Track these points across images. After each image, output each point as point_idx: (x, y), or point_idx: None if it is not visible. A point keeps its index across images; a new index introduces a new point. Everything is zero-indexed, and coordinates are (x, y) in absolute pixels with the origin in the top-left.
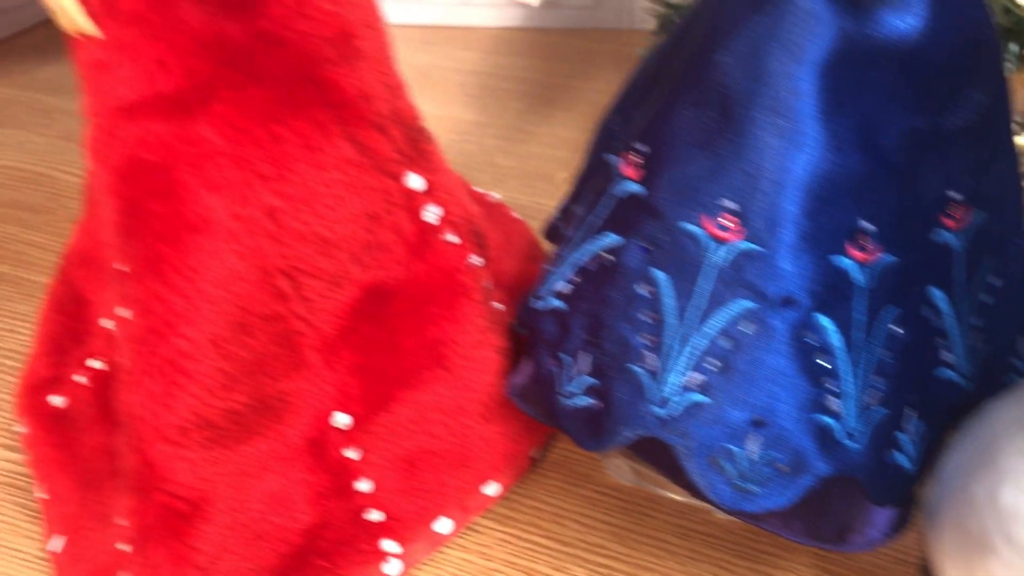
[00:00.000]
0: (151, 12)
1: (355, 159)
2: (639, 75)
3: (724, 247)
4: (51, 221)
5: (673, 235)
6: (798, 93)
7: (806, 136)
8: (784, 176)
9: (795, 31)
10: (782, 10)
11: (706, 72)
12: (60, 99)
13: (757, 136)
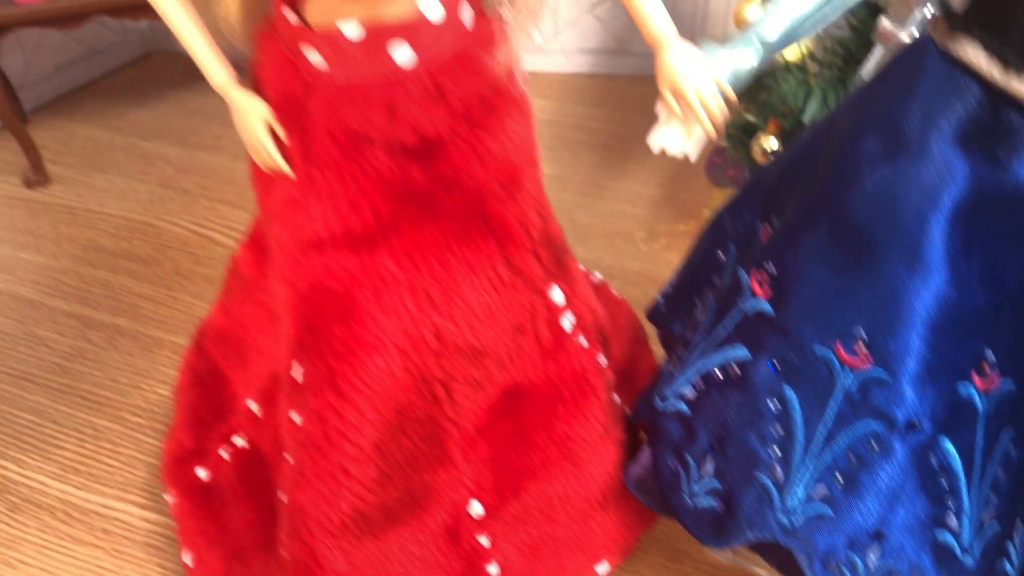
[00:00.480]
0: (345, 159)
1: (509, 280)
2: (756, 184)
3: (854, 373)
4: (159, 274)
5: (805, 357)
6: (930, 236)
7: (934, 274)
8: (913, 311)
9: (932, 180)
10: (921, 159)
11: (840, 207)
12: (155, 144)
13: (889, 272)
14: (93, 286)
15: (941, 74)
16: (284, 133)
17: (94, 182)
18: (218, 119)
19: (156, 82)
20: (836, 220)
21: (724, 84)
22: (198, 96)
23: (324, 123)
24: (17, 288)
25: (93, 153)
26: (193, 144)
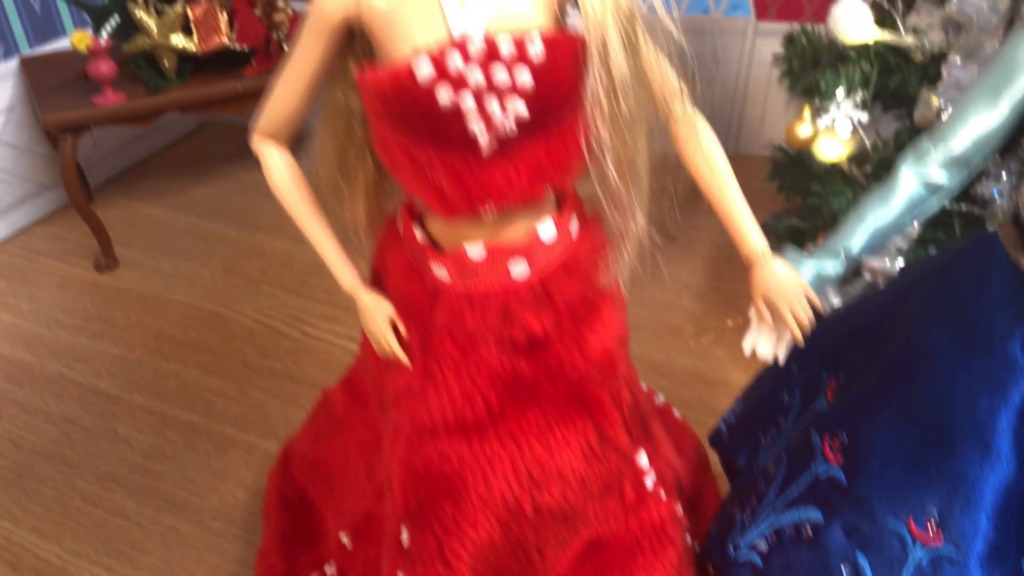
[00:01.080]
0: (462, 356)
1: (601, 452)
2: (822, 336)
3: (925, 548)
4: (228, 367)
5: (877, 528)
6: (998, 428)
7: (1004, 464)
8: (983, 496)
9: (1004, 378)
10: (992, 357)
11: (913, 391)
12: (216, 224)
13: (961, 459)
14: (166, 379)
15: (1010, 281)
16: (406, 330)
17: (160, 266)
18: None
19: (212, 156)
20: (909, 402)
21: (812, 295)
22: (253, 172)
23: (444, 325)
24: (96, 381)
25: (158, 235)
26: (252, 225)
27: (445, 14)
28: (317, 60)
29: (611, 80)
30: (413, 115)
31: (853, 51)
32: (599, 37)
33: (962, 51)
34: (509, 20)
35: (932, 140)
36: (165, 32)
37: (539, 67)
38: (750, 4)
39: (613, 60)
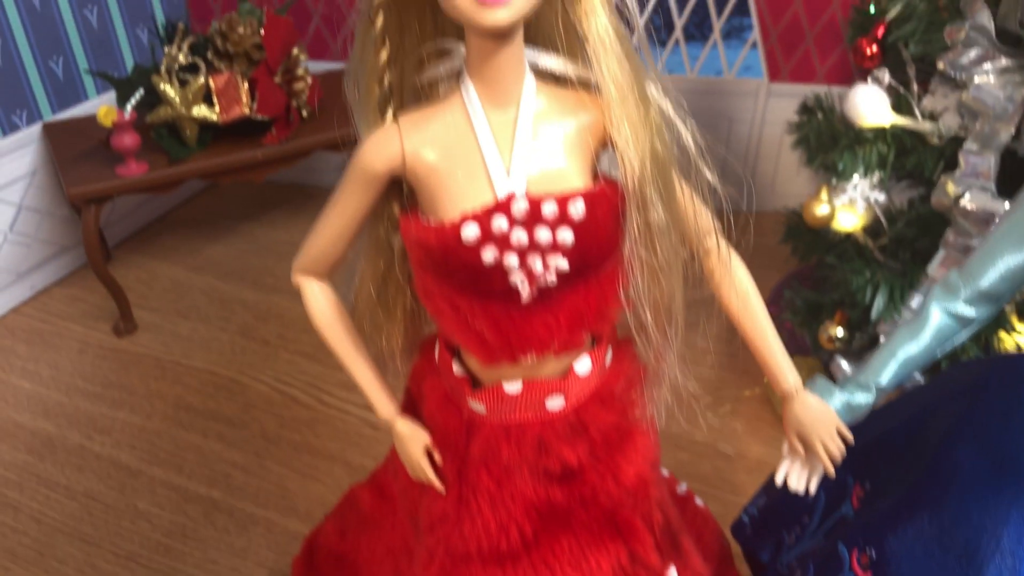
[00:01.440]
0: (497, 487)
1: (632, 571)
2: None
3: None
4: (247, 438)
5: None
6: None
7: None
8: None
9: None
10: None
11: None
12: (232, 285)
13: None
14: (186, 451)
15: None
16: (441, 459)
17: (178, 329)
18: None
19: (229, 214)
20: (937, 523)
21: (844, 430)
22: (269, 230)
23: (480, 456)
24: (117, 453)
25: (175, 296)
26: (269, 287)
27: (490, 175)
28: (360, 208)
29: (648, 229)
30: (457, 269)
31: (870, 132)
32: (637, 190)
33: (978, 138)
34: (550, 179)
35: (961, 276)
36: (187, 103)
37: (580, 224)
38: (763, 66)
39: (651, 210)
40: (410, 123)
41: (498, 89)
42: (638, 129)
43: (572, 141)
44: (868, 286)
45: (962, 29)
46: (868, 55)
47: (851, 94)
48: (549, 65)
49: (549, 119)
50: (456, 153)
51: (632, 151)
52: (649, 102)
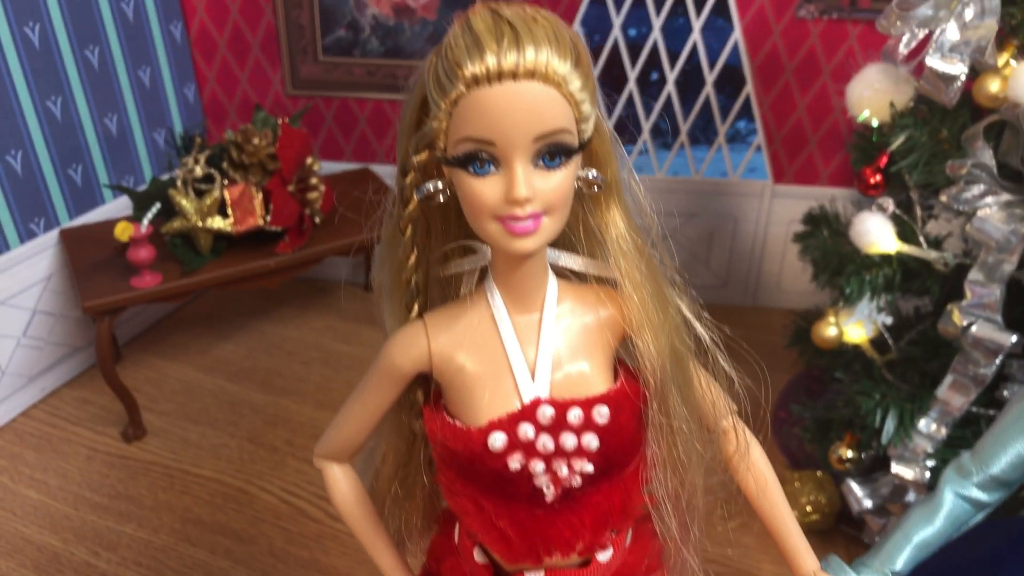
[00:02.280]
0: None
1: None
2: None
3: None
4: (255, 554)
5: None
6: None
7: None
8: None
9: None
10: None
11: None
12: (241, 387)
13: None
14: (193, 570)
15: None
16: None
17: (187, 435)
18: (299, 356)
19: (237, 309)
20: None
21: None
22: (278, 327)
23: None
24: (122, 571)
25: (184, 399)
26: (278, 388)
27: (516, 379)
28: (384, 403)
29: (670, 423)
30: (482, 473)
31: (877, 257)
32: (659, 389)
33: (983, 269)
34: (573, 382)
35: (974, 461)
36: (202, 215)
37: (604, 428)
38: (767, 168)
39: (671, 407)
40: (437, 323)
41: (523, 295)
42: (658, 331)
43: (593, 340)
44: (878, 409)
45: (964, 166)
46: (872, 183)
47: (857, 222)
48: (570, 265)
49: (571, 320)
50: (482, 356)
51: (653, 352)
52: (667, 302)
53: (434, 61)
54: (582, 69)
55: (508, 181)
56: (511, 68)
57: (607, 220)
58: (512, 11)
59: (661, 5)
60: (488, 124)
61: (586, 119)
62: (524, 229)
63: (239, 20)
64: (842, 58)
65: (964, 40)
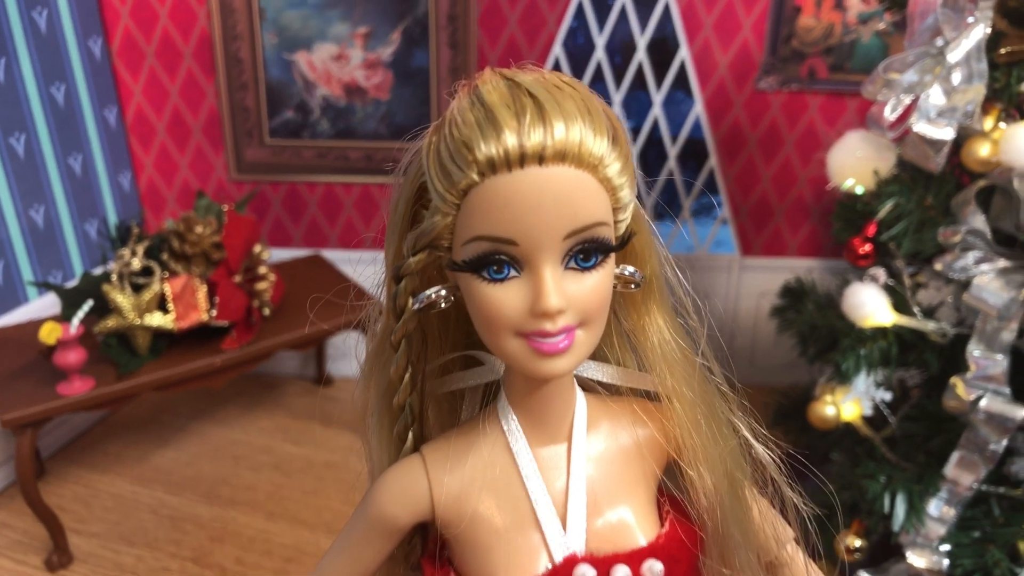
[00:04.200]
0: None
1: None
2: None
3: None
4: None
5: None
6: None
7: None
8: None
9: None
10: None
11: None
12: (183, 499)
13: None
14: None
15: None
16: None
17: (122, 559)
18: (247, 461)
19: (176, 412)
20: None
21: None
22: (223, 429)
23: None
24: None
25: (118, 516)
26: (225, 499)
27: (544, 531)
28: (376, 558)
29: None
30: None
31: (871, 330)
32: (717, 531)
33: (983, 338)
34: (614, 530)
35: None
36: (140, 312)
37: None
38: (734, 241)
39: (734, 551)
40: (439, 459)
41: (546, 421)
42: (714, 460)
43: (634, 470)
44: (885, 494)
45: (958, 233)
46: (861, 253)
47: (849, 294)
48: (601, 377)
49: (606, 447)
50: (499, 502)
51: (710, 487)
52: (722, 421)
53: (435, 141)
54: (620, 149)
55: (535, 288)
56: (536, 150)
57: (646, 324)
58: (531, 78)
59: (620, 80)
60: (509, 220)
61: (624, 208)
62: (554, 347)
63: (179, 103)
64: (804, 129)
65: (951, 105)
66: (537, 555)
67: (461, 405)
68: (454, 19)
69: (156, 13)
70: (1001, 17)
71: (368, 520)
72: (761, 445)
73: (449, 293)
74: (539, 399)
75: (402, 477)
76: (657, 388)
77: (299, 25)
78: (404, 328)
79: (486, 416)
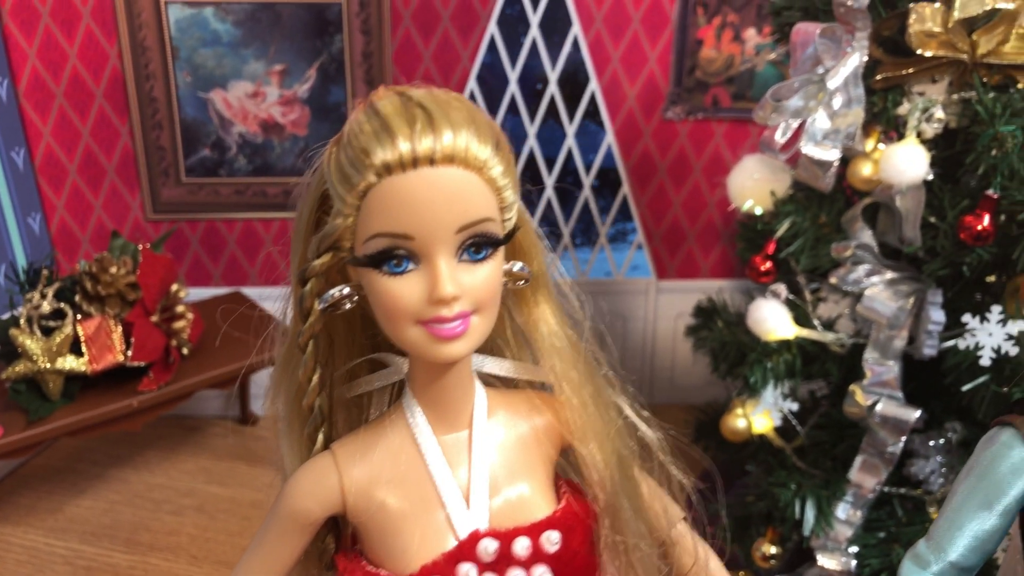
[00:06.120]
0: None
1: None
2: None
3: None
4: None
5: None
6: None
7: None
8: None
9: None
10: None
11: None
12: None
13: None
14: None
15: None
16: None
17: None
18: (169, 505)
19: (93, 459)
20: None
21: None
22: (143, 474)
23: None
24: None
25: (31, 570)
26: (145, 545)
27: (448, 511)
28: (291, 553)
29: (625, 542)
30: None
31: (776, 343)
32: (609, 503)
33: (877, 347)
34: (515, 507)
35: (930, 548)
36: (51, 356)
37: (557, 558)
38: (650, 266)
39: (626, 522)
40: (349, 453)
41: (448, 411)
42: (602, 437)
43: (532, 454)
44: (796, 500)
45: (848, 248)
46: (763, 271)
47: (753, 310)
48: (498, 371)
49: (505, 433)
50: (405, 487)
51: (599, 462)
52: (608, 403)
53: (335, 152)
54: (503, 154)
55: (431, 279)
56: (427, 153)
57: (536, 317)
58: (422, 92)
59: (535, 112)
60: (405, 216)
61: (510, 207)
62: (452, 332)
63: (91, 144)
64: (710, 155)
65: (834, 128)
66: (444, 534)
67: (369, 408)
68: (369, 56)
69: (65, 53)
70: (877, 46)
71: (281, 517)
72: (644, 424)
73: (353, 291)
74: (440, 390)
75: (313, 472)
76: (548, 377)
77: (213, 64)
78: (311, 329)
79: (392, 411)
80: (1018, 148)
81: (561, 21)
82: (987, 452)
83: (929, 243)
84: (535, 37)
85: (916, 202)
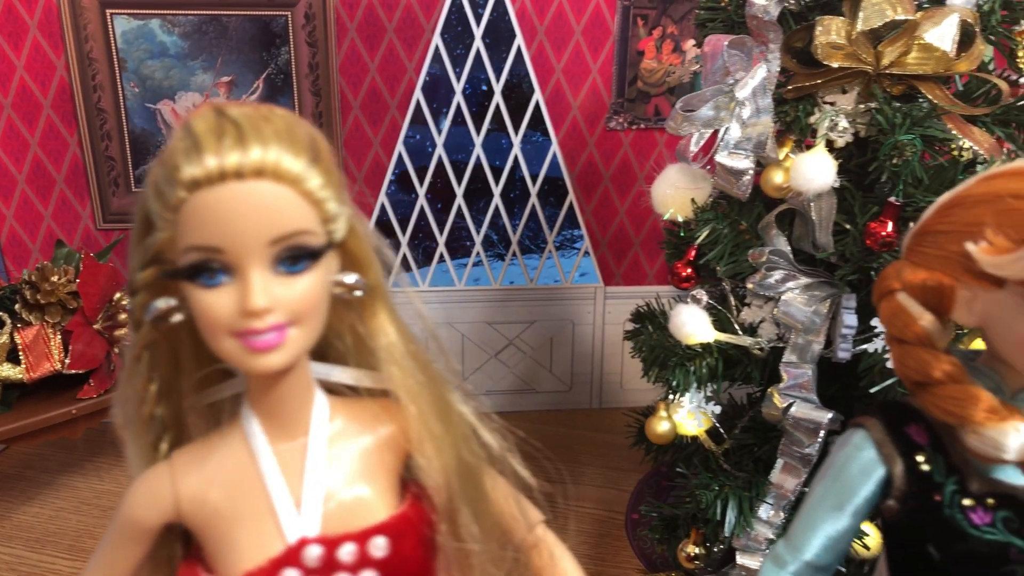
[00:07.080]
0: None
1: None
2: None
3: None
4: None
5: None
6: None
7: None
8: None
9: None
10: None
11: None
12: (44, 555)
13: None
14: None
15: None
16: None
17: None
18: None
19: (42, 467)
20: None
21: None
22: (91, 481)
23: None
24: None
25: None
26: (89, 551)
27: (279, 517)
28: (129, 562)
29: (462, 547)
30: None
31: (699, 347)
32: (447, 508)
33: (795, 350)
34: (349, 512)
35: (787, 550)
36: None
37: (385, 563)
38: (597, 272)
39: (463, 526)
40: (186, 462)
41: (283, 419)
42: (441, 444)
43: (373, 462)
44: (718, 501)
45: (763, 254)
46: (684, 276)
47: (674, 315)
48: (341, 379)
49: (345, 441)
50: (238, 495)
51: (436, 468)
52: (450, 410)
53: (154, 170)
54: (322, 166)
55: (242, 291)
56: (234, 168)
57: (375, 328)
58: (240, 110)
59: (480, 122)
60: (214, 230)
61: (334, 219)
62: (266, 344)
63: (40, 154)
64: (654, 163)
65: (746, 137)
66: (272, 540)
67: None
68: (315, 67)
69: (13, 65)
70: (789, 57)
71: (118, 526)
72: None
73: (179, 304)
74: (274, 398)
75: (148, 481)
76: (388, 385)
77: (161, 75)
78: (143, 340)
79: (230, 422)
80: (918, 156)
81: (505, 33)
82: (840, 453)
83: (841, 249)
84: (479, 48)
85: (828, 209)
